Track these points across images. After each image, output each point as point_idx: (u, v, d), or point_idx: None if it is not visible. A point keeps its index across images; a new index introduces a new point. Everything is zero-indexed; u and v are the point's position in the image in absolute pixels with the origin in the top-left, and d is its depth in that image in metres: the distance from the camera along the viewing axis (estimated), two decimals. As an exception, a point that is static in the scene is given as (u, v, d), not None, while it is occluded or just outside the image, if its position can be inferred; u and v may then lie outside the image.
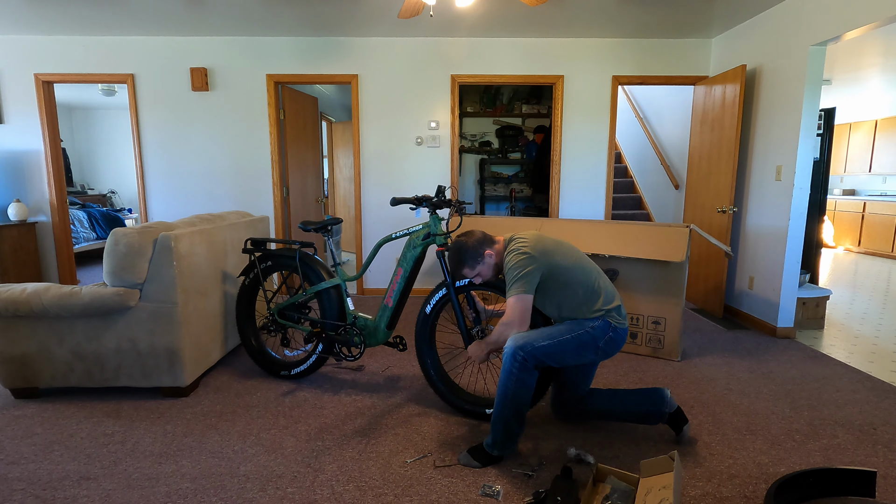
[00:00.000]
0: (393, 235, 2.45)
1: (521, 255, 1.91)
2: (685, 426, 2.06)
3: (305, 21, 3.94)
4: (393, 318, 2.48)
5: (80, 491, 1.76)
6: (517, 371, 1.86)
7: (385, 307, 2.48)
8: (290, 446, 2.06)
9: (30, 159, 4.42)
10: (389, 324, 2.49)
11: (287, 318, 2.74)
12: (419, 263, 2.42)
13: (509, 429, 1.90)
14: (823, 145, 3.90)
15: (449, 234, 2.32)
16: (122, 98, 7.23)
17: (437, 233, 2.30)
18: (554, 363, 1.90)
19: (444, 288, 2.27)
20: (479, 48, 4.41)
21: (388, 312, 2.47)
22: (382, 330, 2.50)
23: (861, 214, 7.42)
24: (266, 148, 4.51)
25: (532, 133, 6.47)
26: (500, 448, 1.91)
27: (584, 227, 3.30)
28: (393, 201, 2.25)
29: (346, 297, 2.61)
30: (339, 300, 2.59)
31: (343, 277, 2.59)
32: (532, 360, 1.86)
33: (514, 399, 1.87)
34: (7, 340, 2.41)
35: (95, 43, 4.31)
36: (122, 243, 2.31)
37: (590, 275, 1.96)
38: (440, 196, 2.28)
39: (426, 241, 2.35)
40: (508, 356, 1.87)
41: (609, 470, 1.75)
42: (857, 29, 2.87)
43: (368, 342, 2.54)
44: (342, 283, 2.59)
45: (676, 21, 3.92)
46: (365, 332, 2.55)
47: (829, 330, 3.71)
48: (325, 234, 2.64)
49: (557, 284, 1.93)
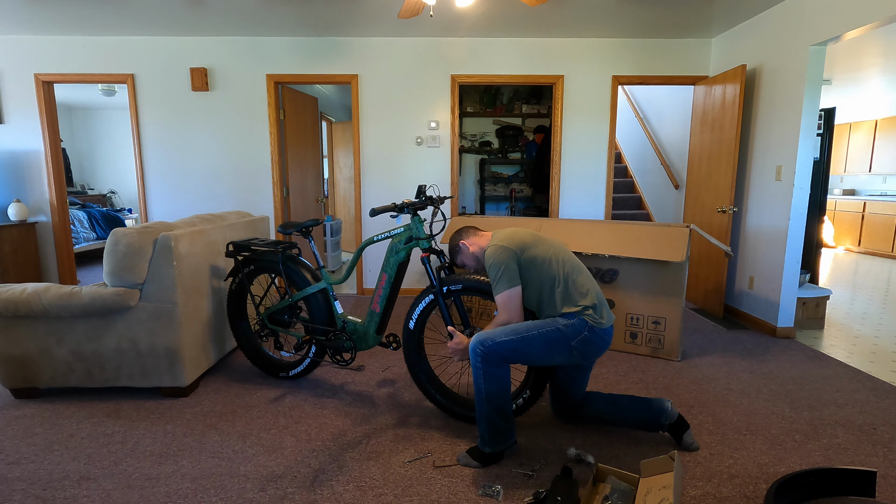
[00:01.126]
0: (375, 238, 2.33)
1: (496, 248, 1.91)
2: (685, 433, 2.02)
3: (305, 21, 3.94)
4: (381, 323, 2.43)
5: (80, 491, 1.76)
6: (482, 365, 1.85)
7: (373, 313, 2.42)
8: (290, 446, 2.06)
9: (30, 159, 4.42)
10: (378, 329, 2.44)
11: (277, 323, 2.68)
12: (404, 268, 2.35)
13: (494, 425, 1.89)
14: (823, 145, 3.90)
15: (433, 237, 2.23)
16: (122, 98, 7.23)
17: (420, 236, 2.20)
18: (521, 361, 1.88)
19: (429, 294, 2.20)
20: (479, 48, 4.41)
21: (376, 318, 2.42)
22: (372, 335, 2.44)
23: (861, 214, 7.42)
24: (266, 148, 4.51)
25: (532, 133, 6.47)
26: (490, 445, 1.90)
27: (584, 227, 3.30)
28: (372, 212, 2.08)
29: (334, 300, 2.53)
30: (326, 304, 2.53)
31: (328, 280, 2.52)
32: (494, 356, 1.83)
33: (490, 394, 1.86)
34: (7, 340, 2.41)
35: (95, 43, 4.31)
36: (122, 243, 2.31)
37: (570, 270, 1.91)
38: (421, 196, 2.18)
39: (409, 245, 2.26)
40: (471, 351, 1.88)
41: (609, 470, 1.75)
42: (857, 29, 2.87)
43: (359, 346, 2.48)
44: (328, 287, 2.53)
45: (676, 21, 3.92)
46: (355, 336, 2.48)
47: (829, 330, 3.71)
48: (306, 236, 2.57)
49: (533, 278, 1.91)
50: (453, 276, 2.15)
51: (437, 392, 2.29)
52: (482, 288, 2.09)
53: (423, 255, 2.20)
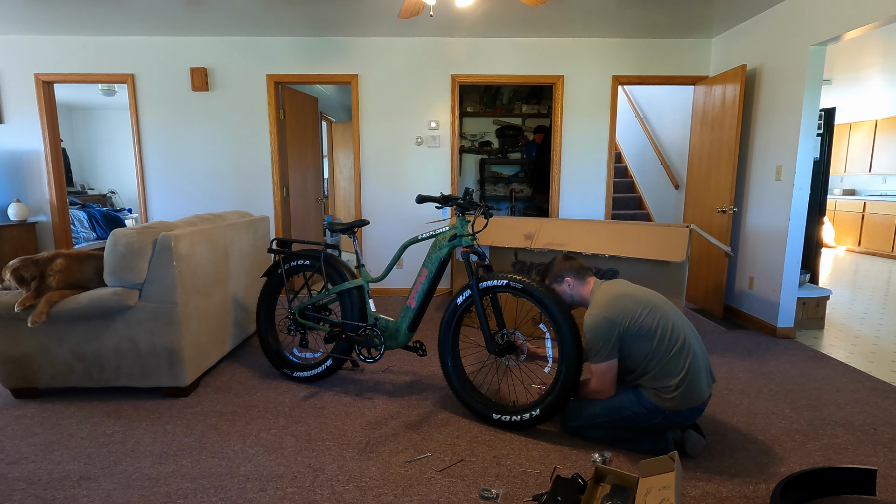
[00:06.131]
0: (419, 237, 2.43)
1: (597, 319, 1.91)
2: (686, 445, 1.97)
3: (305, 21, 3.94)
4: (415, 319, 2.46)
5: (80, 491, 1.76)
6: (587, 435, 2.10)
7: (408, 308, 2.46)
8: (290, 446, 2.06)
9: (30, 159, 4.42)
10: (411, 325, 2.46)
11: (307, 319, 2.74)
12: (444, 265, 2.40)
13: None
14: (823, 145, 3.90)
15: (475, 236, 2.31)
16: (122, 98, 7.23)
17: (464, 234, 2.29)
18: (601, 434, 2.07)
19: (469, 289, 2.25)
20: (479, 48, 4.41)
21: (410, 314, 2.45)
22: (404, 332, 2.48)
23: (861, 214, 7.42)
24: (266, 148, 4.51)
25: (532, 133, 6.47)
26: None
27: (584, 227, 3.30)
28: (419, 199, 2.20)
29: (369, 298, 2.60)
30: (360, 301, 2.59)
31: (366, 279, 2.59)
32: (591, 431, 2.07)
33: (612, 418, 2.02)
34: (7, 340, 2.41)
35: (95, 43, 4.31)
36: (122, 243, 2.31)
37: (667, 346, 1.87)
38: (467, 198, 2.27)
39: (452, 243, 2.34)
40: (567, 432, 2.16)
41: (609, 470, 1.75)
42: (857, 29, 2.87)
43: (389, 344, 2.52)
44: (365, 285, 2.59)
45: (676, 21, 3.92)
46: (385, 333, 2.53)
47: (829, 330, 3.71)
48: (351, 235, 2.63)
49: (632, 350, 1.93)
50: (490, 274, 2.21)
51: (456, 377, 2.32)
52: (517, 287, 2.12)
53: (464, 251, 2.27)
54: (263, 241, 3.47)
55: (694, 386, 1.86)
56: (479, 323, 2.26)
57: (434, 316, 3.99)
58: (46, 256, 2.45)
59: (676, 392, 1.85)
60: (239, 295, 3.10)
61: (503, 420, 2.18)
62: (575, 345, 2.01)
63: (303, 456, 1.98)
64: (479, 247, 2.69)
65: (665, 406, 1.87)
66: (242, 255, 3.12)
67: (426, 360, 3.06)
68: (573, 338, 2.01)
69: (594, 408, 2.03)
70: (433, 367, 2.93)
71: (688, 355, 1.87)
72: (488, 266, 2.28)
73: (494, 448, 2.04)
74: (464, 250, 2.28)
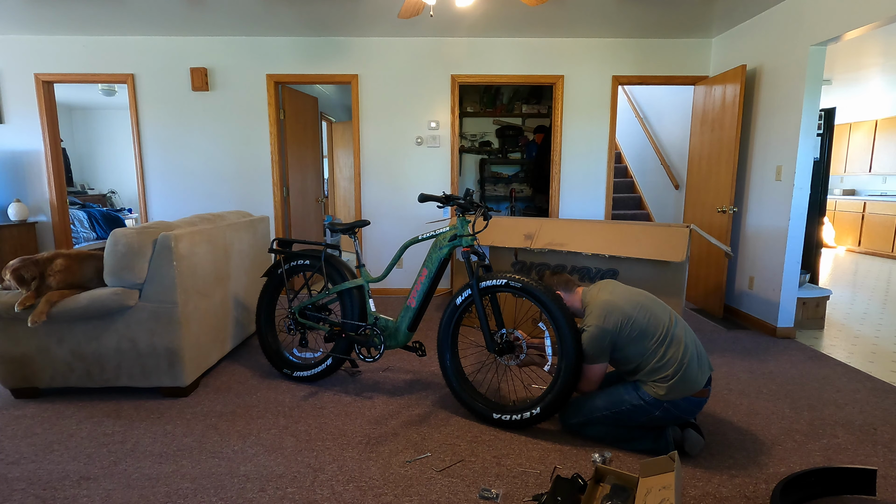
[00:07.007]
0: (419, 237, 2.44)
1: (594, 330, 1.97)
2: (686, 445, 1.97)
3: (305, 21, 3.94)
4: (415, 319, 2.47)
5: (80, 491, 1.76)
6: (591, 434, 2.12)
7: (408, 308, 2.47)
8: (290, 446, 2.06)
9: (30, 159, 4.42)
10: (411, 325, 2.47)
11: (308, 319, 2.75)
12: (444, 265, 2.41)
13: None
14: (823, 145, 3.90)
15: (475, 236, 2.32)
16: (122, 98, 7.23)
17: (464, 234, 2.30)
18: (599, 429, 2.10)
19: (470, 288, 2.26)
20: (479, 48, 4.41)
21: (410, 313, 2.46)
22: (404, 331, 2.48)
23: (861, 214, 7.42)
24: (266, 148, 4.51)
25: (532, 133, 6.47)
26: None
27: (583, 227, 3.30)
28: (421, 197, 2.22)
29: (369, 298, 2.61)
30: (361, 301, 2.60)
31: (367, 279, 2.60)
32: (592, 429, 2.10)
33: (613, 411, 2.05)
34: (7, 340, 2.41)
35: (95, 43, 4.31)
36: (122, 243, 2.31)
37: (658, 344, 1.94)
38: (468, 199, 2.28)
39: (453, 243, 2.35)
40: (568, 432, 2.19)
41: (609, 470, 1.75)
42: (857, 29, 2.87)
43: (388, 343, 2.53)
44: (365, 284, 2.60)
45: (676, 21, 3.92)
46: (385, 333, 2.54)
47: (829, 330, 3.71)
48: (351, 235, 2.64)
49: (626, 353, 1.99)
50: (490, 274, 2.22)
51: (455, 376, 2.33)
52: (517, 287, 2.13)
53: (465, 251, 2.29)
54: (263, 241, 3.47)
55: (688, 374, 1.91)
56: (479, 322, 2.27)
57: (434, 316, 3.99)
58: (46, 256, 2.45)
59: (671, 381, 1.90)
60: (239, 295, 3.10)
61: (503, 419, 2.18)
62: (575, 343, 2.02)
63: (303, 456, 1.99)
64: (479, 247, 2.70)
65: (662, 397, 1.91)
66: (242, 255, 3.12)
67: (426, 359, 3.06)
68: (573, 336, 2.02)
69: (594, 402, 2.06)
70: (433, 367, 2.93)
71: (678, 346, 1.94)
72: (488, 266, 2.29)
73: (494, 448, 2.04)
74: (464, 250, 2.29)
